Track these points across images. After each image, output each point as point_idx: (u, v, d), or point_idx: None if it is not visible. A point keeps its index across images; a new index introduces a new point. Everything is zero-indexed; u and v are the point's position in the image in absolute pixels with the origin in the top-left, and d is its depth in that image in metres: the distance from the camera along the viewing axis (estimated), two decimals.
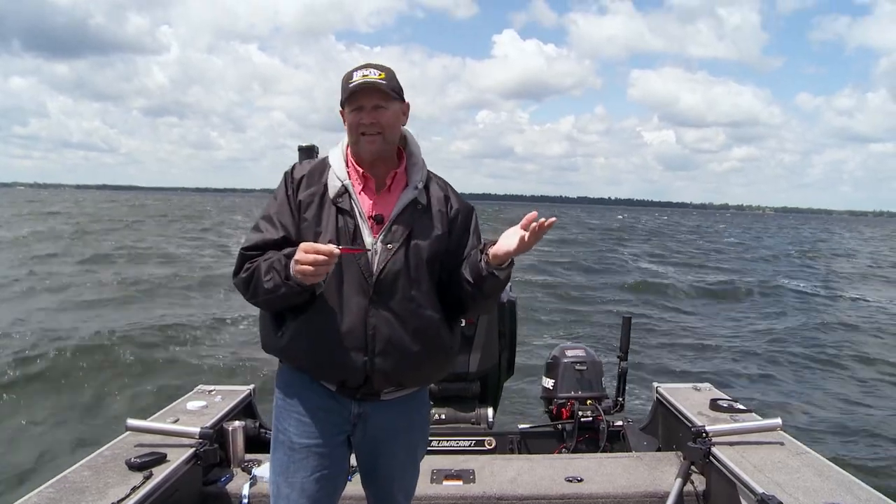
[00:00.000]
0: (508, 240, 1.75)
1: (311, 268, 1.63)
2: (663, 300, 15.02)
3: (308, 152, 3.29)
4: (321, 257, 1.63)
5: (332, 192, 1.85)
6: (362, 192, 1.88)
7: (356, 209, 1.84)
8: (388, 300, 1.81)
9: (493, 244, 1.80)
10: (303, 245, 1.67)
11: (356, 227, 1.82)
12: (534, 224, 1.69)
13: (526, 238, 1.71)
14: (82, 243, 24.11)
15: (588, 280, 18.40)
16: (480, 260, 1.80)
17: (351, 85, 1.80)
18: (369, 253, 1.81)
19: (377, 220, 1.84)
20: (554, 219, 1.68)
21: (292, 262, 1.69)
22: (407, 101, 1.92)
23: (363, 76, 1.80)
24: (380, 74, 1.81)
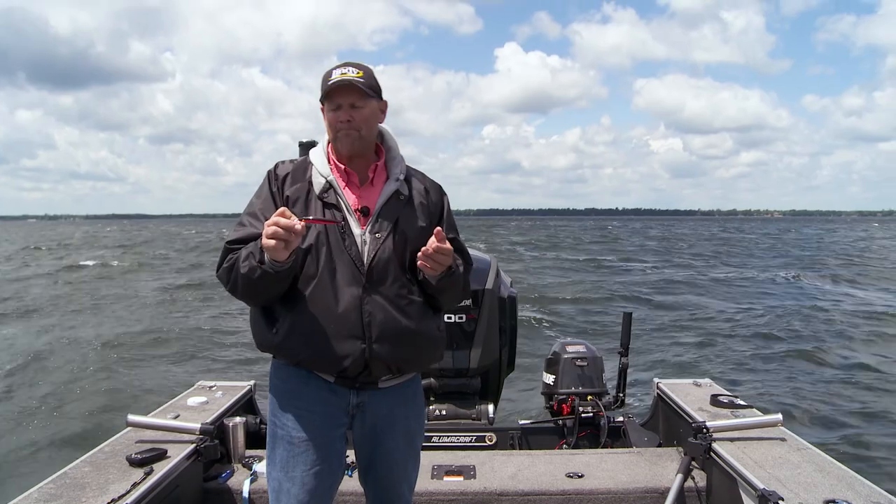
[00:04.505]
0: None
1: (272, 242, 1.65)
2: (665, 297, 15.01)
3: (308, 148, 3.29)
4: (279, 230, 1.63)
5: (317, 189, 1.90)
6: (346, 187, 1.93)
7: (342, 203, 1.89)
8: (380, 286, 1.85)
9: None
10: (268, 220, 1.68)
11: (344, 219, 1.87)
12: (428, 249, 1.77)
13: (422, 261, 1.79)
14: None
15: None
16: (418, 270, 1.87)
17: (329, 83, 1.85)
18: (359, 243, 1.86)
19: (363, 213, 1.89)
20: (437, 229, 1.78)
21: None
22: (385, 99, 1.97)
23: (341, 74, 1.86)
24: (358, 73, 1.87)
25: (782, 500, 2.29)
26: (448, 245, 1.81)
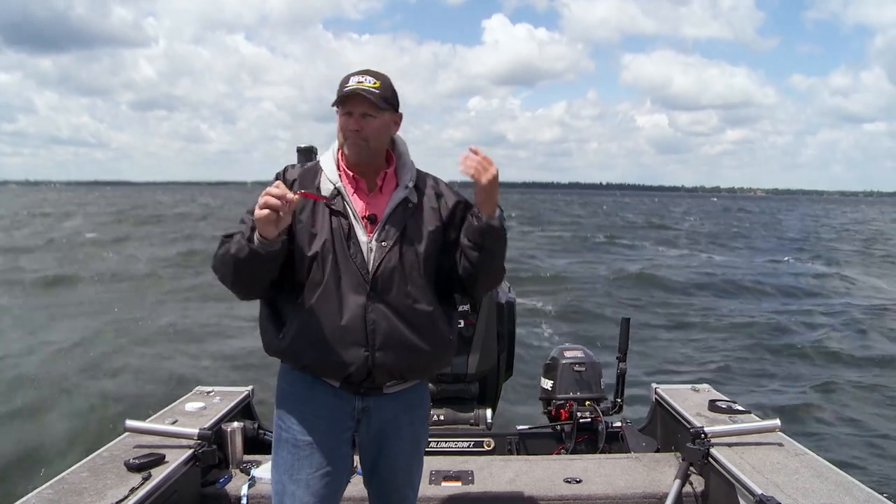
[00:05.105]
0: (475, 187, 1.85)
1: (264, 212, 1.66)
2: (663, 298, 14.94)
3: (307, 153, 3.29)
4: (271, 199, 1.65)
5: (325, 195, 1.90)
6: (354, 194, 1.94)
7: (349, 210, 1.90)
8: (385, 295, 1.86)
9: None
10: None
11: (350, 226, 1.88)
12: (464, 156, 1.81)
13: (473, 176, 1.81)
14: None
15: None
16: (473, 220, 1.88)
17: (345, 89, 1.86)
18: (365, 251, 1.87)
19: (370, 220, 1.90)
20: (473, 148, 1.83)
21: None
22: (401, 111, 1.97)
23: (357, 83, 1.86)
24: (374, 83, 1.87)
25: None
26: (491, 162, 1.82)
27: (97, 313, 11.82)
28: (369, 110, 1.87)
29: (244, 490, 2.76)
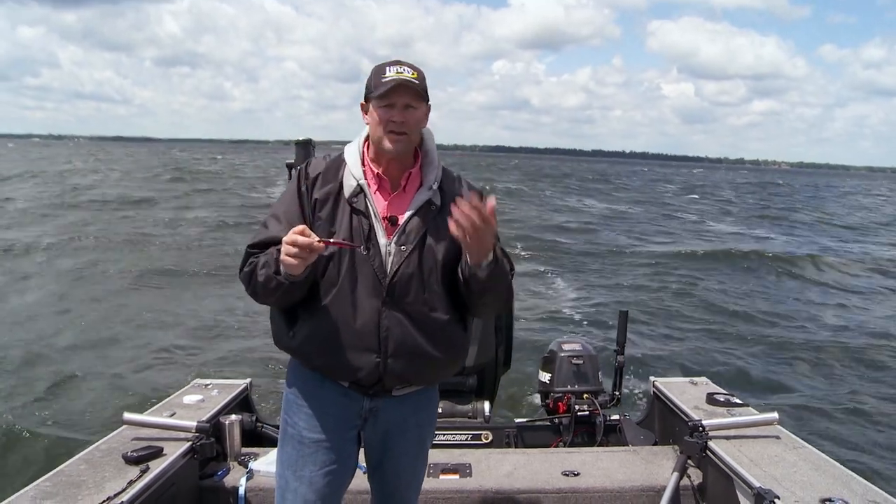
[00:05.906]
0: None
1: (291, 259, 1.63)
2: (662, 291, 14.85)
3: (305, 146, 3.30)
4: (296, 249, 1.62)
5: (347, 192, 1.84)
6: (377, 192, 1.87)
7: (371, 209, 1.83)
8: (401, 301, 1.81)
9: None
10: (287, 236, 1.66)
11: (371, 227, 1.82)
12: (459, 211, 1.61)
13: (458, 231, 1.64)
14: None
15: None
16: (462, 264, 1.81)
17: (384, 80, 1.78)
18: (383, 253, 1.81)
19: (391, 222, 1.83)
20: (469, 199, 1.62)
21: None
22: (429, 104, 1.89)
23: (397, 73, 1.79)
24: (413, 74, 1.80)
25: (778, 498, 2.29)
26: (489, 208, 1.61)
27: (112, 290, 11.67)
28: (412, 101, 1.80)
29: (242, 483, 2.77)
